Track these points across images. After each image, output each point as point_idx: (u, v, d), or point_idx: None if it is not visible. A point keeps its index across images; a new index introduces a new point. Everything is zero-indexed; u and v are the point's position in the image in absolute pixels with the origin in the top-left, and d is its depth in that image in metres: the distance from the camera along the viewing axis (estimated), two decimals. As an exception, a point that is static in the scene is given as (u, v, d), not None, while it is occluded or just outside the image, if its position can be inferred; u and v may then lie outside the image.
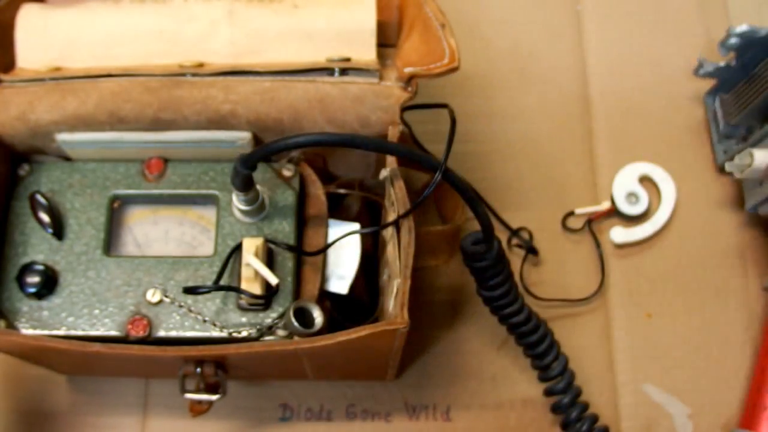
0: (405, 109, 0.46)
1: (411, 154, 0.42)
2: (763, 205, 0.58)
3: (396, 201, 0.42)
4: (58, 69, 0.47)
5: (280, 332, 0.44)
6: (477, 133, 0.64)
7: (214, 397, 0.46)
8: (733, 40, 0.58)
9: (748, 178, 0.55)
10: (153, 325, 0.44)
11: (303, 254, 0.46)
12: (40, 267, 0.44)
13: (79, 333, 0.44)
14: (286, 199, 0.46)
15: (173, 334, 0.44)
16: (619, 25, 0.67)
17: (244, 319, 0.44)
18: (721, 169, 0.62)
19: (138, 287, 0.45)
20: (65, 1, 0.49)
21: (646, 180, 0.62)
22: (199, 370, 0.45)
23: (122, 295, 0.45)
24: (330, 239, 0.47)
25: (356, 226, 0.47)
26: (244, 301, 0.44)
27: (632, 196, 0.61)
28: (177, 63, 0.46)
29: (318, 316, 0.43)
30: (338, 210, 0.52)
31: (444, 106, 0.47)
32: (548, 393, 0.52)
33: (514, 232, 0.60)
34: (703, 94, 0.64)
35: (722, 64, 0.60)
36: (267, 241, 0.44)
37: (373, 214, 0.54)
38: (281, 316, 0.44)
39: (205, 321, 0.44)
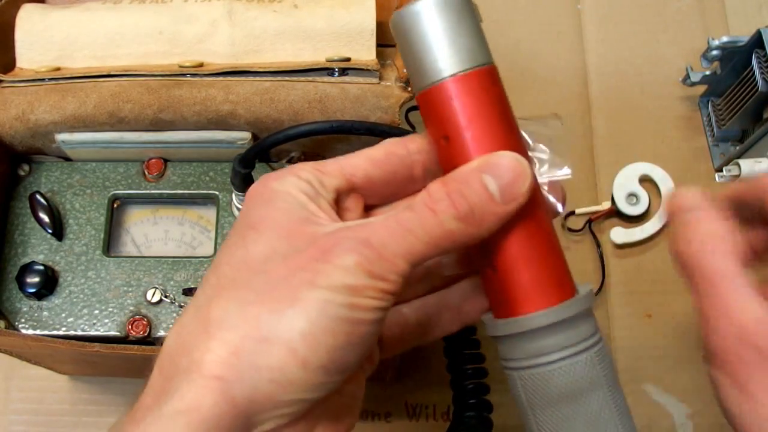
0: (410, 109, 0.46)
1: (404, 134, 0.41)
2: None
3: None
4: (57, 69, 0.46)
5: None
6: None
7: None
8: (714, 52, 0.58)
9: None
10: (153, 325, 0.44)
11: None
12: (40, 267, 0.44)
13: (79, 333, 0.44)
14: (286, 199, 0.46)
15: (173, 334, 0.44)
16: (619, 25, 0.67)
17: (244, 319, 0.44)
18: (719, 170, 0.62)
19: (138, 287, 0.45)
20: (65, 1, 0.49)
21: (646, 180, 0.62)
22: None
23: (122, 296, 0.45)
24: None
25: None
26: (244, 301, 0.44)
27: (632, 197, 0.61)
28: (177, 63, 0.46)
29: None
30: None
31: None
32: None
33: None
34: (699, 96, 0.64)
35: (708, 72, 0.60)
36: (267, 241, 0.44)
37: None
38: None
39: (205, 321, 0.44)
